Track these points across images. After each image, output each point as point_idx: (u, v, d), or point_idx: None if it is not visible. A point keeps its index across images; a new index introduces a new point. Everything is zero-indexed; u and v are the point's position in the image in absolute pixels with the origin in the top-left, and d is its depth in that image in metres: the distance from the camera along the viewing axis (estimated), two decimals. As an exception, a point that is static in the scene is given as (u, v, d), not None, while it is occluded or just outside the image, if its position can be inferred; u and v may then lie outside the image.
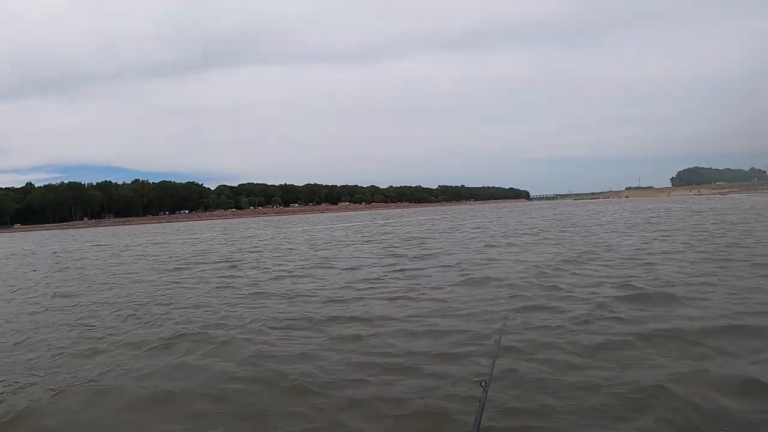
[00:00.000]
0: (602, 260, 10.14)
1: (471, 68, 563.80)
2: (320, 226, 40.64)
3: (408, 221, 42.77)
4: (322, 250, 16.99)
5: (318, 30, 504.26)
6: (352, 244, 18.91)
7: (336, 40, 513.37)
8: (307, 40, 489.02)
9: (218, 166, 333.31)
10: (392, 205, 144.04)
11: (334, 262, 12.50)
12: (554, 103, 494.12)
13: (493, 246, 14.89)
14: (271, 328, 5.66)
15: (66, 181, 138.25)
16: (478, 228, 26.05)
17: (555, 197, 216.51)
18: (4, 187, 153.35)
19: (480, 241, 16.93)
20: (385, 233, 25.85)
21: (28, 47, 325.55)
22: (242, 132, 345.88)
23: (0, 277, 14.26)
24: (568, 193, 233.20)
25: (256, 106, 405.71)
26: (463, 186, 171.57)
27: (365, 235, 25.53)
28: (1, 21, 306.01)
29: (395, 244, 17.69)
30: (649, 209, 40.35)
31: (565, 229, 21.66)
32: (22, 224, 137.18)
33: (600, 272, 8.57)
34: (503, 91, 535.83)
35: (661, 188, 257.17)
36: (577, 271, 8.76)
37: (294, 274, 10.69)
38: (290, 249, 18.40)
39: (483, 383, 2.22)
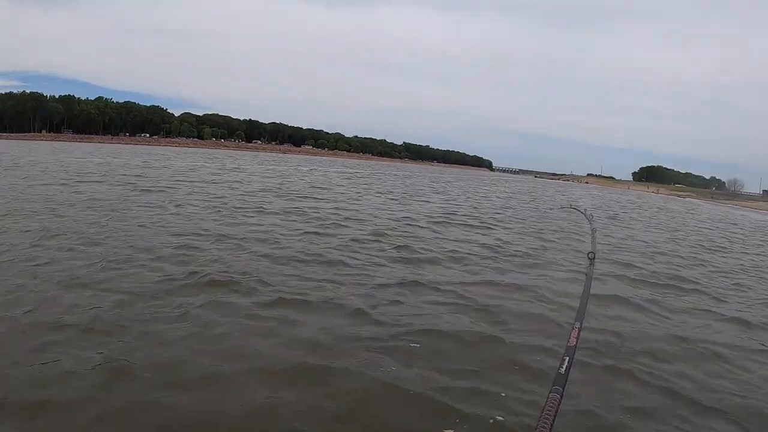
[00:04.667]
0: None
1: (454, 30, 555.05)
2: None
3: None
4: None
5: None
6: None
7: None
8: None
9: (182, 93, 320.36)
10: (354, 155, 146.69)
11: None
12: (530, 79, 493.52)
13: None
14: None
15: (28, 91, 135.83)
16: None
17: (517, 171, 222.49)
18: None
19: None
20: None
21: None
22: (211, 61, 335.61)
23: None
24: (530, 169, 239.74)
25: (230, 36, 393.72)
26: (428, 146, 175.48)
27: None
28: None
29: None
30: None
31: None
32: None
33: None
34: (483, 59, 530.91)
35: (622, 180, 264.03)
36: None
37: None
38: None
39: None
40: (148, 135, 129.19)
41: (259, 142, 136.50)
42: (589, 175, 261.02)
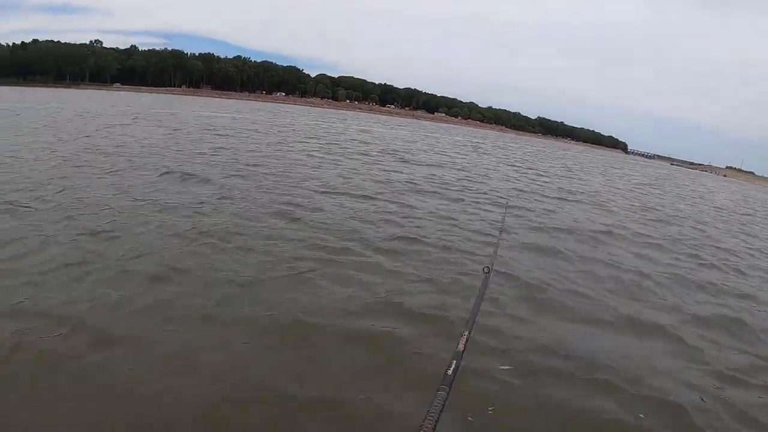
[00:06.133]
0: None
1: (593, 8, 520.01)
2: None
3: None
4: None
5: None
6: None
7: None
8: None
9: (319, 55, 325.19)
10: (487, 126, 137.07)
11: None
12: (671, 59, 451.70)
13: None
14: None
15: (169, 48, 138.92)
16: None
17: (653, 156, 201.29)
18: (108, 47, 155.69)
19: None
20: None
21: None
22: (347, 23, 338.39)
23: None
24: (667, 156, 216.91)
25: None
26: (562, 123, 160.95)
27: None
28: None
29: None
30: None
31: None
32: (121, 84, 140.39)
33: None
34: (619, 39, 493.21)
35: (762, 177, 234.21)
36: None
37: None
38: None
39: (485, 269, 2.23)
40: (284, 94, 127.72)
41: (393, 106, 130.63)
42: (728, 167, 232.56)
